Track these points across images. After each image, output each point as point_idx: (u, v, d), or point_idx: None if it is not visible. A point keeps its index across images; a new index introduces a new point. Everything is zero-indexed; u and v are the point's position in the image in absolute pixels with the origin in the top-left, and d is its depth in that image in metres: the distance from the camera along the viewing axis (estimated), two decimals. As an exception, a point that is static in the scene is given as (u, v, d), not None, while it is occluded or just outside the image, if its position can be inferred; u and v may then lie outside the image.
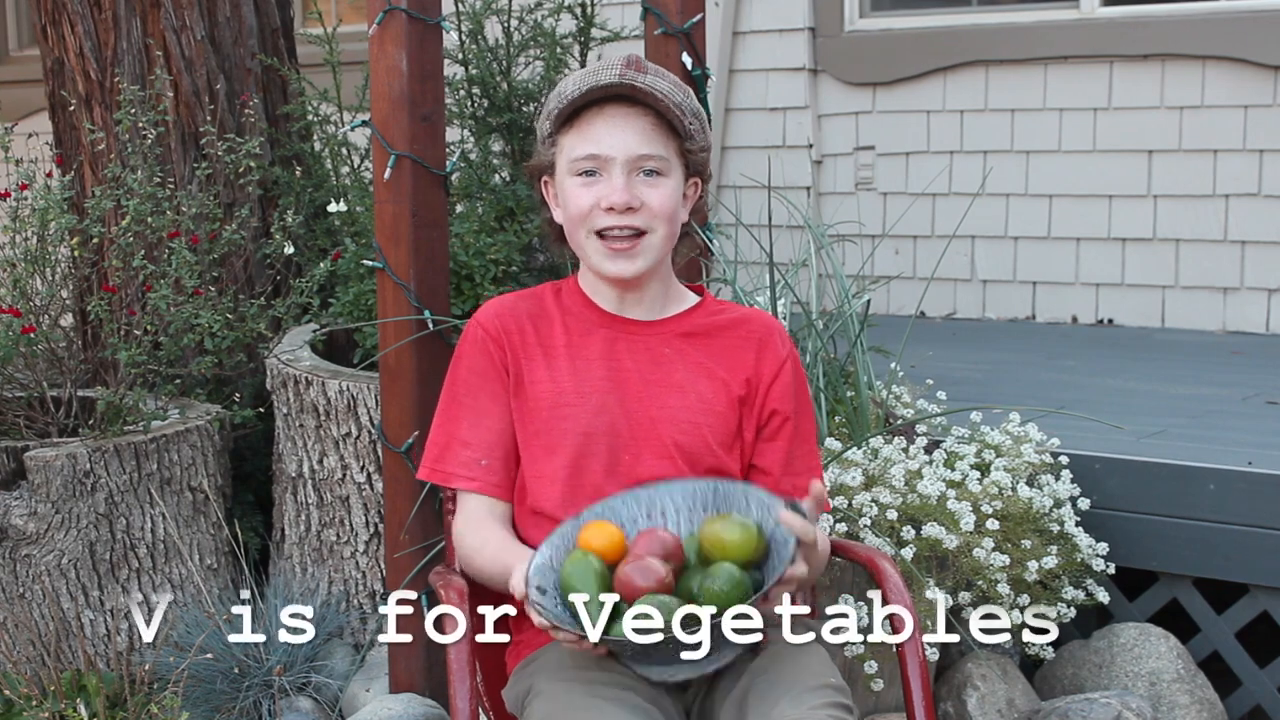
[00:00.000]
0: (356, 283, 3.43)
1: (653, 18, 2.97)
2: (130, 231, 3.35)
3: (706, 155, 2.09)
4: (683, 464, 2.02)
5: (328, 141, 4.01)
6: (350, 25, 4.82)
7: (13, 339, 3.19)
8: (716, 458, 2.04)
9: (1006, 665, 2.88)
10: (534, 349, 2.07)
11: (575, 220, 2.03)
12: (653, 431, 2.03)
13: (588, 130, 2.00)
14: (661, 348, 2.07)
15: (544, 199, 2.12)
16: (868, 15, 5.41)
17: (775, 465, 2.07)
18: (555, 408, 2.03)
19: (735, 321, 2.12)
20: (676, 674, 1.79)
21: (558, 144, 2.04)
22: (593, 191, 2.00)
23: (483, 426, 2.05)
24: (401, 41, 2.71)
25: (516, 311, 2.11)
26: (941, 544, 2.68)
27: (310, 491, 3.20)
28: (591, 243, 2.02)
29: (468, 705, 1.88)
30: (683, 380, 2.06)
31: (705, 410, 2.05)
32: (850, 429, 3.00)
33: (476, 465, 2.04)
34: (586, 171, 2.00)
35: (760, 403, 2.08)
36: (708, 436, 2.04)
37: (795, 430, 2.09)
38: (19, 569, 3.06)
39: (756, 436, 2.08)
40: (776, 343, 2.10)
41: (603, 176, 1.99)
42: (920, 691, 1.96)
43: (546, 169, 2.08)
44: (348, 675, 3.04)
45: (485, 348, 2.07)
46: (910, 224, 5.11)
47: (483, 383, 2.06)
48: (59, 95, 3.98)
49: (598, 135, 1.99)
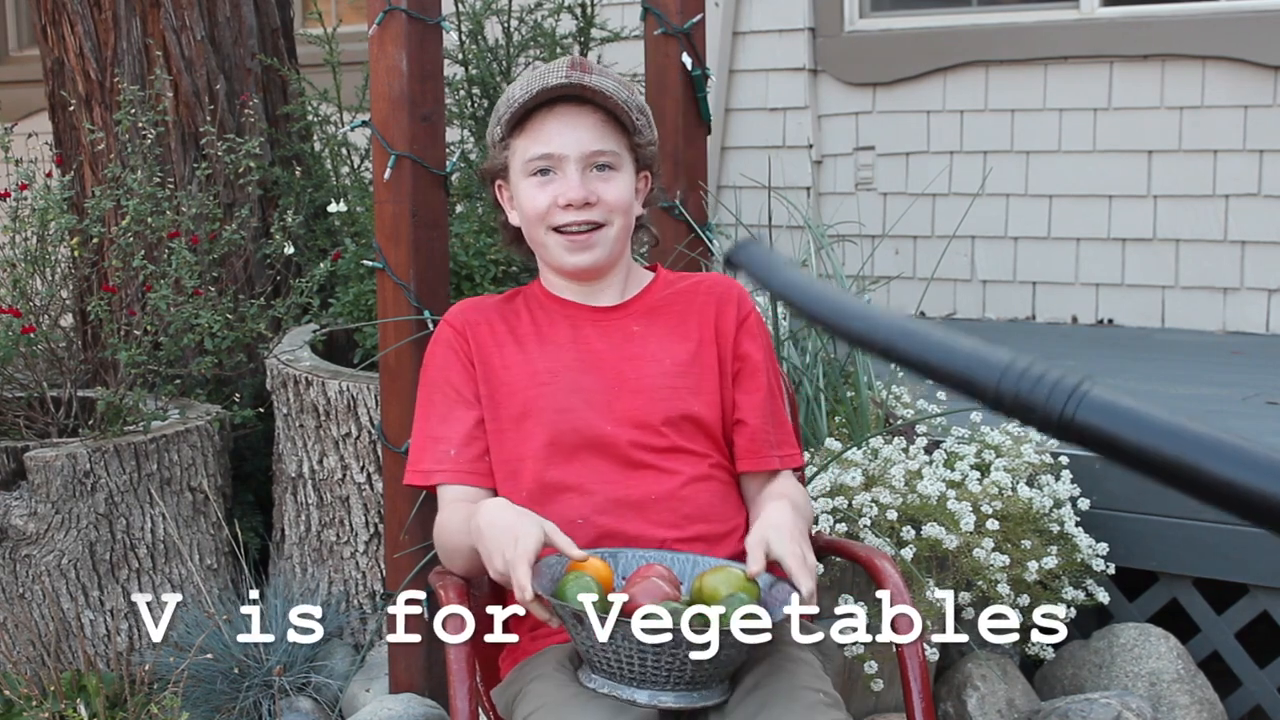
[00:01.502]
0: (356, 283, 3.43)
1: (653, 18, 2.97)
2: (130, 231, 3.35)
3: (654, 149, 2.14)
4: (666, 431, 2.05)
5: (328, 141, 4.01)
6: (350, 25, 4.82)
7: (13, 339, 3.19)
8: (699, 421, 2.07)
9: (1006, 665, 2.88)
10: (504, 337, 2.11)
11: (534, 219, 2.07)
12: (633, 403, 2.06)
13: (539, 131, 2.04)
14: (630, 326, 2.11)
15: (498, 203, 2.17)
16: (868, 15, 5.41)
17: (755, 414, 2.10)
18: (530, 387, 2.06)
19: (693, 285, 2.17)
20: (664, 700, 1.78)
21: (510, 147, 2.09)
22: (549, 190, 2.04)
23: (452, 418, 2.08)
24: (401, 41, 2.71)
25: (483, 307, 2.16)
26: (941, 544, 2.68)
27: (310, 492, 3.20)
28: (551, 238, 2.07)
29: (468, 705, 1.88)
30: (656, 351, 2.09)
31: (681, 373, 2.08)
32: (850, 429, 3.00)
33: (447, 457, 2.07)
34: (541, 170, 2.05)
35: (730, 347, 2.12)
36: (689, 400, 2.07)
37: (769, 387, 2.12)
38: (19, 569, 3.06)
39: (734, 386, 2.11)
40: (735, 295, 2.15)
41: (557, 174, 2.04)
42: (920, 692, 1.96)
43: (499, 172, 2.12)
44: (348, 675, 3.04)
45: (451, 344, 2.11)
46: (910, 224, 5.11)
47: (449, 377, 2.10)
48: (59, 95, 3.98)
49: (549, 135, 2.04)
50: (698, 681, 1.78)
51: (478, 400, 2.09)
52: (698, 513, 2.05)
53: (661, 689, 1.78)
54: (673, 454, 2.06)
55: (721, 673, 1.80)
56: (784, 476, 2.13)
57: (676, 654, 1.74)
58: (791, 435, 2.18)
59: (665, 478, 2.04)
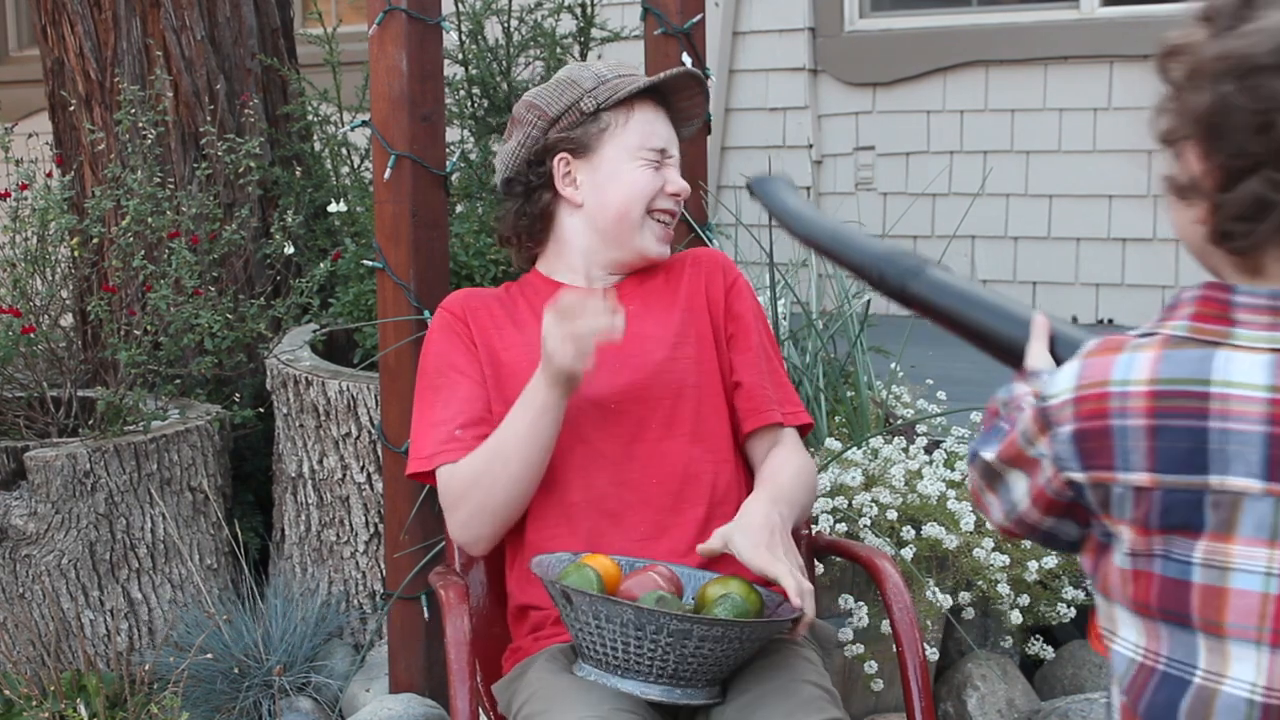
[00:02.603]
0: (356, 283, 3.43)
1: (653, 18, 2.97)
2: (130, 231, 3.35)
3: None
4: (669, 401, 2.06)
5: (328, 141, 4.01)
6: (350, 25, 4.82)
7: (13, 339, 3.19)
8: (701, 388, 2.09)
9: (1006, 665, 2.88)
10: (503, 322, 2.13)
11: (637, 199, 2.13)
12: (634, 377, 2.07)
13: (654, 121, 2.16)
14: (625, 304, 2.11)
15: (546, 179, 2.17)
16: (868, 15, 5.41)
17: (750, 372, 2.12)
18: (532, 366, 2.04)
19: (680, 257, 2.23)
20: (649, 692, 1.78)
21: (604, 123, 2.14)
22: (660, 175, 2.15)
23: (455, 400, 2.07)
24: (401, 41, 2.70)
25: (481, 295, 2.20)
26: (941, 544, 2.68)
27: (310, 491, 3.20)
28: (648, 222, 2.15)
29: (468, 705, 1.88)
30: (652, 325, 2.11)
31: (679, 341, 2.11)
32: (850, 429, 3.00)
33: (451, 437, 2.04)
34: (653, 159, 2.15)
35: (723, 310, 2.15)
36: (691, 368, 2.10)
37: (761, 346, 2.15)
38: (19, 569, 3.06)
39: (730, 349, 2.13)
40: (720, 263, 2.21)
41: (663, 165, 2.16)
42: (920, 691, 1.96)
43: (577, 147, 2.15)
44: (348, 675, 3.04)
45: (452, 327, 2.12)
46: (910, 224, 5.11)
47: (453, 361, 2.09)
48: (59, 95, 3.98)
49: (660, 128, 2.17)
50: (682, 677, 1.78)
51: (484, 379, 2.08)
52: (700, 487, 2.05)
53: (647, 680, 1.78)
54: (675, 427, 2.06)
55: (710, 673, 1.80)
56: (787, 443, 2.12)
57: (659, 640, 1.74)
58: (793, 394, 2.17)
59: (668, 450, 2.05)
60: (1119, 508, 1.24)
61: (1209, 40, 1.20)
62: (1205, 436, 1.18)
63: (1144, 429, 1.20)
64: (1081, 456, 1.25)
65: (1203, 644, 1.20)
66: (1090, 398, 1.24)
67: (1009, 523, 1.36)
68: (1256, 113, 1.16)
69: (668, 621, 1.73)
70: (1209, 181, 1.20)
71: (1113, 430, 1.22)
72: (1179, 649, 1.22)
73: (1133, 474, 1.22)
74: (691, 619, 1.74)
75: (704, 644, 1.75)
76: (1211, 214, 1.21)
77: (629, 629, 1.74)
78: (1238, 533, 1.18)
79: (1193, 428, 1.18)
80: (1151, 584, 1.23)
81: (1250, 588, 1.18)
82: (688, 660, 1.76)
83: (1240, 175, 1.18)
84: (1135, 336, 1.25)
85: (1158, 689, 1.23)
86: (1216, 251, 1.23)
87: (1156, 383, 1.20)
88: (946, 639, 2.92)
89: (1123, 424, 1.21)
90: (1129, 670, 1.26)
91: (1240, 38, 1.18)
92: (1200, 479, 1.19)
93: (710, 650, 1.76)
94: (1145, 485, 1.21)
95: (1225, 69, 1.17)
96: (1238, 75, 1.17)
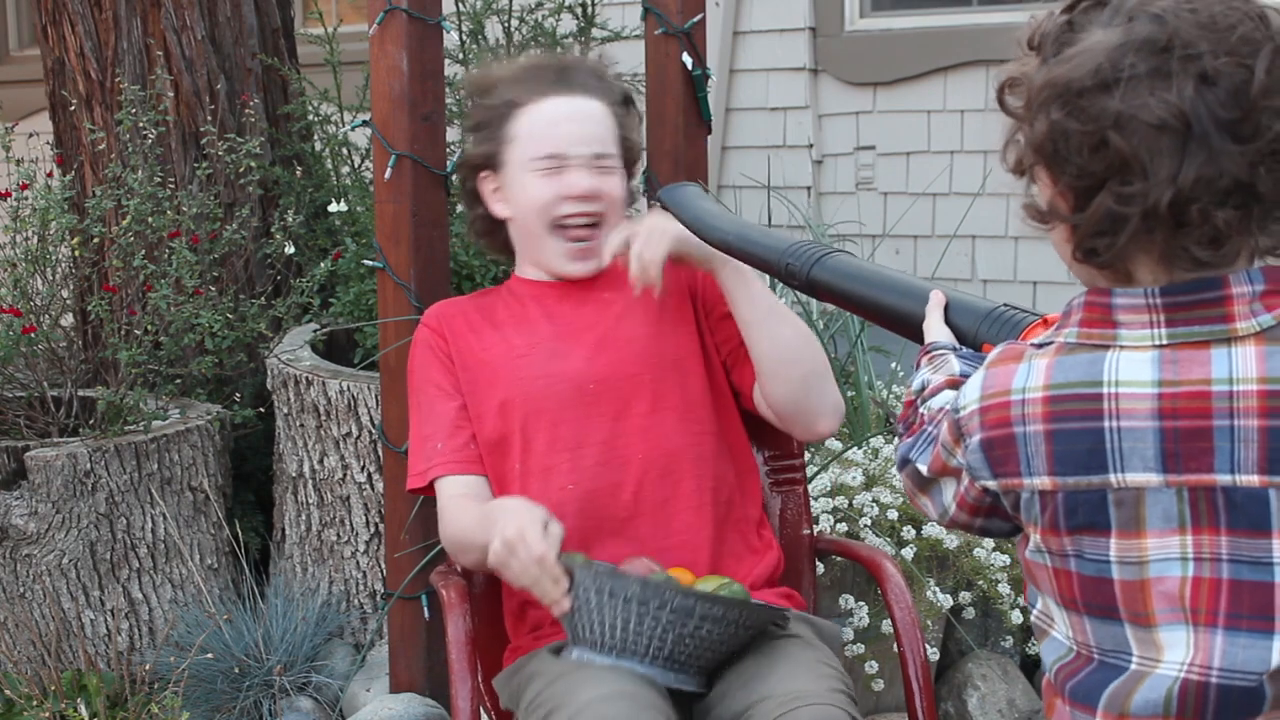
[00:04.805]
0: (357, 283, 3.43)
1: (653, 18, 2.97)
2: (130, 231, 3.35)
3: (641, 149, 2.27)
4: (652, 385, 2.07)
5: (328, 141, 4.01)
6: (350, 25, 4.82)
7: (13, 339, 3.19)
8: (683, 367, 2.10)
9: (1007, 665, 2.88)
10: (480, 324, 2.15)
11: (533, 213, 2.13)
12: (617, 361, 2.08)
13: (556, 122, 2.13)
14: (602, 294, 2.15)
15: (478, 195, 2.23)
16: (868, 15, 5.41)
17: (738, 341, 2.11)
18: (509, 360, 2.09)
19: None
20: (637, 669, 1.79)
21: (508, 132, 2.15)
22: (556, 181, 2.12)
23: (436, 414, 2.11)
24: (402, 41, 2.71)
25: (457, 302, 2.23)
26: (942, 544, 2.68)
27: (311, 491, 3.20)
28: (555, 237, 2.13)
29: (468, 705, 1.88)
30: (635, 312, 2.12)
31: (659, 320, 2.11)
32: (851, 429, 3.01)
33: (436, 451, 2.09)
34: (545, 166, 2.12)
35: (702, 288, 2.16)
36: (669, 345, 2.11)
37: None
38: (19, 569, 3.06)
39: (722, 324, 2.13)
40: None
41: (565, 169, 2.12)
42: (920, 691, 1.96)
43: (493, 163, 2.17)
44: (348, 675, 3.04)
45: (428, 343, 2.16)
46: (911, 224, 5.11)
47: (430, 376, 2.13)
48: (59, 95, 3.98)
49: (564, 128, 2.13)
50: (677, 660, 1.78)
51: (458, 391, 2.11)
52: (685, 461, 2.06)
53: (640, 662, 1.78)
54: (659, 403, 2.07)
55: (704, 658, 1.81)
56: None
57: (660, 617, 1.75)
58: None
59: (651, 425, 2.05)
60: (1028, 511, 1.27)
61: (1038, 69, 1.25)
62: (1102, 436, 1.21)
63: (1043, 434, 1.23)
64: (991, 464, 1.28)
65: (1131, 634, 1.23)
66: (994, 407, 1.27)
67: (945, 522, 1.41)
68: (1088, 133, 1.19)
69: (672, 596, 1.74)
70: (1062, 204, 1.24)
71: (1016, 437, 1.25)
72: (1108, 639, 1.24)
73: (1036, 478, 1.24)
74: (695, 594, 1.76)
75: (704, 624, 1.76)
76: (1071, 234, 1.24)
77: (632, 604, 1.75)
78: (1147, 527, 1.21)
79: (1089, 429, 1.22)
80: (1072, 581, 1.25)
81: (1169, 574, 1.20)
82: (685, 641, 1.77)
83: (1089, 194, 1.21)
84: (1033, 346, 1.29)
85: (1091, 674, 1.25)
86: (1087, 267, 1.27)
87: (1052, 388, 1.24)
88: (947, 639, 2.92)
89: (1024, 430, 1.24)
90: (1065, 656, 1.28)
91: (1062, 64, 1.22)
92: (1100, 478, 1.22)
93: (709, 632, 1.77)
94: (1049, 489, 1.24)
95: (1053, 95, 1.21)
96: (1064, 101, 1.20)
